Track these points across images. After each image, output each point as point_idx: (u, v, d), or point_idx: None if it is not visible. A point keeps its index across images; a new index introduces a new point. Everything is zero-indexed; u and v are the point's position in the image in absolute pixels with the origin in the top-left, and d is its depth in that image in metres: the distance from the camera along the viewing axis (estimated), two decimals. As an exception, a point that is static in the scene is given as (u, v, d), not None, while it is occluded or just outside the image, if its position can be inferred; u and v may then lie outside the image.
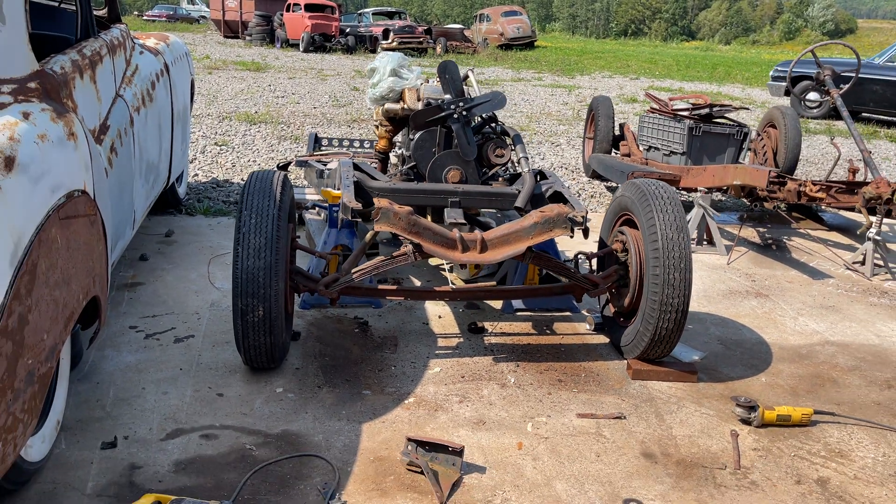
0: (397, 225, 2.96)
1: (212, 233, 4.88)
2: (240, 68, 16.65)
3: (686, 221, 3.09)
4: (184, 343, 3.29)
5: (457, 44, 26.47)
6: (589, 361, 3.37)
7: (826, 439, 2.84)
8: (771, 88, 13.98)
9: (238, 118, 9.64)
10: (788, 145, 6.15)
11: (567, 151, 8.61)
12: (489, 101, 3.52)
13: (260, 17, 26.64)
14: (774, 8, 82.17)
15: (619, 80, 19.11)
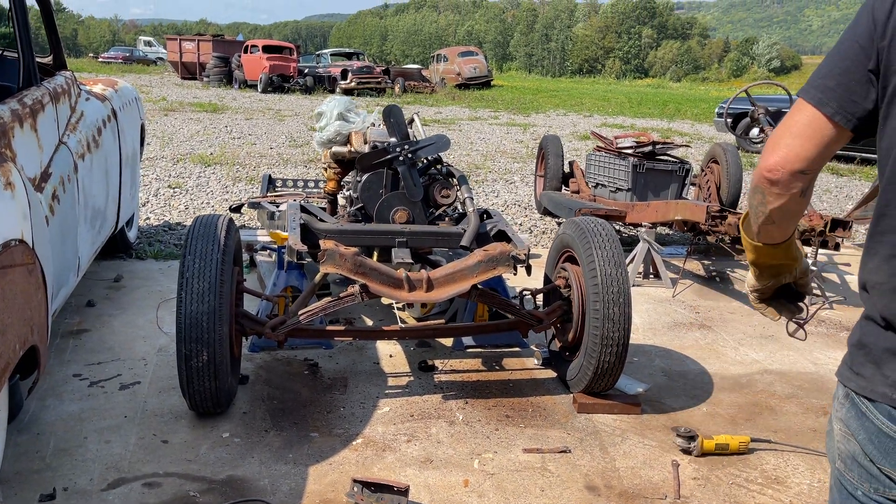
0: (343, 266, 3.01)
1: (162, 277, 4.85)
2: (197, 110, 16.64)
3: (624, 257, 3.20)
4: (129, 390, 3.26)
5: (415, 84, 26.83)
6: (536, 396, 3.43)
7: (763, 466, 2.93)
8: (717, 125, 14.45)
9: (193, 160, 9.62)
10: (730, 180, 6.37)
11: (521, 189, 8.77)
12: (434, 144, 3.61)
13: (218, 58, 26.72)
14: (722, 46, 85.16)
15: (574, 117, 19.55)
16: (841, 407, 1.31)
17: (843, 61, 1.26)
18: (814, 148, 1.28)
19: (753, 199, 1.40)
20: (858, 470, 1.27)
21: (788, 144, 1.30)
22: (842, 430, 1.30)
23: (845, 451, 1.30)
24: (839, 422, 1.32)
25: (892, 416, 1.20)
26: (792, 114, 1.32)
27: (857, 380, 1.27)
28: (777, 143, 1.31)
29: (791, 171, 1.30)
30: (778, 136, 1.32)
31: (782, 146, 1.30)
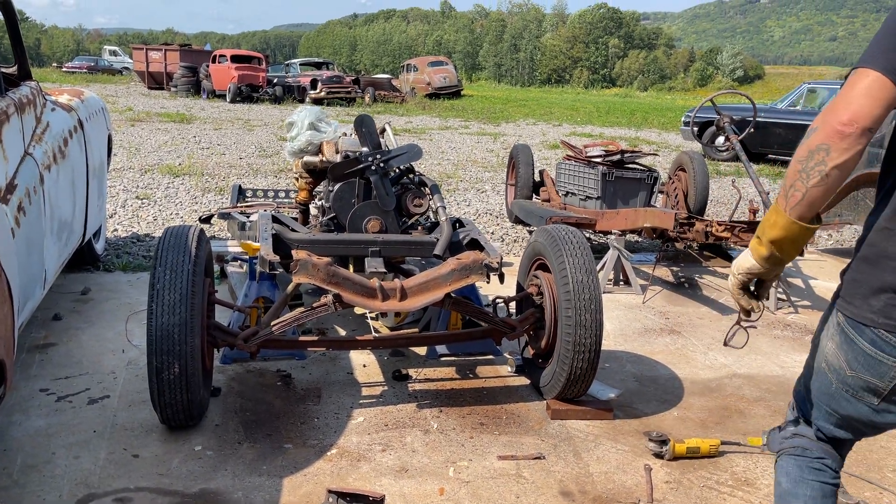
0: (316, 276, 3.00)
1: (131, 289, 4.79)
2: (164, 120, 16.47)
3: (595, 264, 3.23)
4: (98, 404, 3.21)
5: (385, 93, 26.86)
6: (510, 403, 3.45)
7: (733, 469, 2.97)
8: (683, 133, 14.68)
9: (161, 171, 9.52)
10: (697, 188, 6.48)
11: (492, 197, 8.82)
12: (406, 154, 3.62)
13: (185, 68, 26.48)
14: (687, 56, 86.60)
15: (543, 126, 19.72)
16: (836, 334, 1.69)
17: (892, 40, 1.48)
18: (880, 107, 1.46)
19: (811, 160, 1.52)
20: (838, 378, 1.70)
21: (860, 103, 1.47)
22: (834, 350, 1.70)
23: (834, 365, 1.71)
24: (833, 343, 1.70)
25: (874, 340, 1.57)
26: (857, 79, 1.50)
27: (850, 309, 1.61)
28: (847, 102, 1.48)
29: (862, 127, 1.47)
30: (846, 96, 1.49)
31: (854, 104, 1.47)
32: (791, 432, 1.95)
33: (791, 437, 1.94)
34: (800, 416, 1.94)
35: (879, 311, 1.56)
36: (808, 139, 1.54)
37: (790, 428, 1.96)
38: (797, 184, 1.57)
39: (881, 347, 1.58)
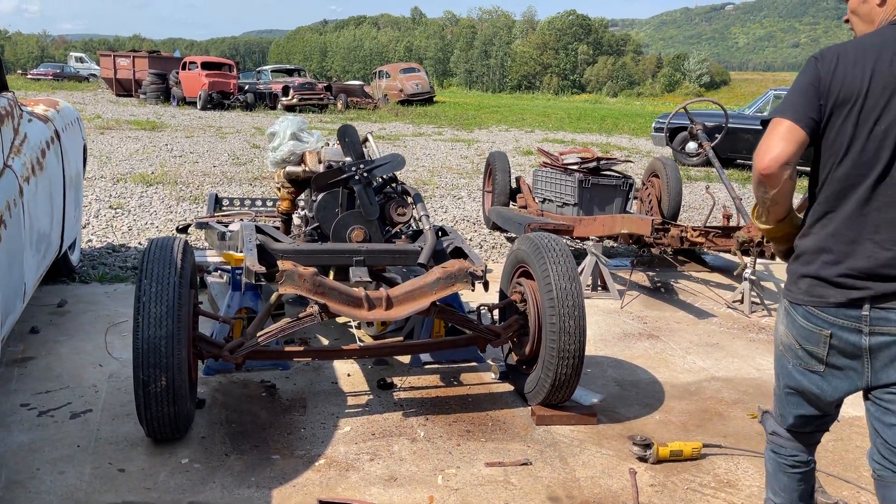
0: (302, 286, 3.01)
1: (108, 301, 4.74)
2: (134, 127, 16.28)
3: (577, 271, 3.28)
4: (81, 418, 3.18)
5: (357, 100, 26.82)
6: (496, 410, 3.48)
7: (715, 470, 3.03)
8: (654, 139, 14.88)
9: (133, 179, 9.42)
10: (671, 193, 6.59)
11: (468, 204, 8.86)
12: (389, 163, 3.64)
13: (154, 75, 26.20)
14: (655, 62, 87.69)
15: (516, 132, 19.85)
16: (784, 317, 2.13)
17: (803, 96, 1.97)
18: (793, 147, 1.94)
19: (758, 192, 2.03)
20: (791, 353, 2.11)
21: (779, 146, 1.94)
22: (785, 330, 2.12)
23: (786, 343, 2.12)
24: (783, 325, 2.14)
25: (806, 315, 2.03)
26: (774, 127, 1.98)
27: (789, 294, 2.09)
28: (767, 147, 1.96)
29: (782, 164, 1.94)
30: (766, 143, 1.97)
31: (773, 149, 1.95)
32: (771, 428, 2.32)
33: (770, 434, 2.33)
34: (777, 415, 2.30)
35: (805, 291, 2.03)
36: (753, 174, 2.04)
37: (770, 423, 2.34)
38: (760, 209, 2.12)
39: (810, 320, 2.02)
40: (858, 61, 1.93)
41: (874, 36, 2.00)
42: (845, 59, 1.95)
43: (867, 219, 1.94)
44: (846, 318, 1.95)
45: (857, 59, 1.94)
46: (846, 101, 1.92)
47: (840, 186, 1.96)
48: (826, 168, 1.99)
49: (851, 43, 2.02)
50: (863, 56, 1.93)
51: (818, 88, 1.96)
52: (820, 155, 2.00)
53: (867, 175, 1.93)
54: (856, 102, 1.92)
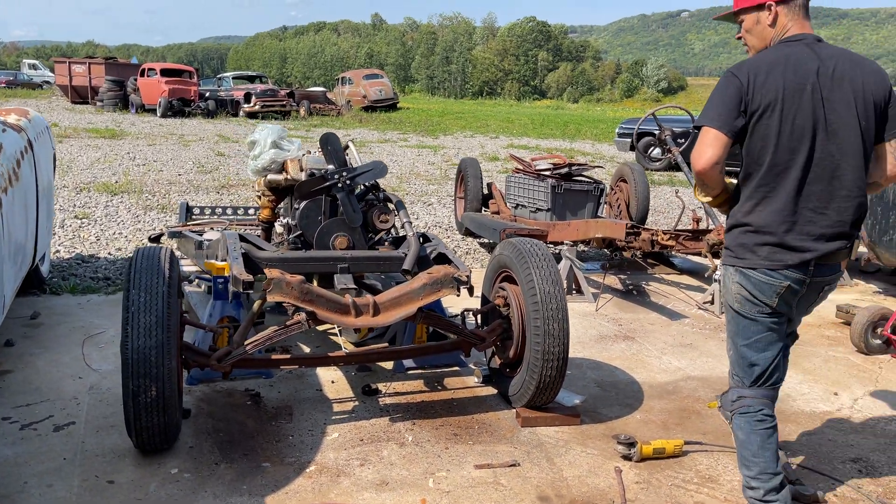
0: (290, 294, 3.02)
1: (82, 312, 4.67)
2: (93, 136, 15.99)
3: (560, 275, 3.35)
4: (65, 431, 3.14)
5: (320, 106, 26.69)
6: (481, 413, 3.52)
7: (697, 467, 3.12)
8: (618, 144, 15.13)
9: (97, 189, 9.27)
10: (639, 198, 6.73)
11: (439, 210, 8.91)
12: (371, 170, 3.67)
13: (112, 82, 25.72)
14: (614, 68, 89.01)
15: (481, 139, 19.97)
16: (737, 279, 2.57)
17: (725, 106, 2.45)
18: (720, 150, 2.45)
19: (700, 186, 2.58)
20: (747, 303, 2.56)
21: (709, 152, 2.45)
22: (737, 288, 2.57)
23: (740, 297, 2.58)
24: (736, 284, 2.58)
25: (764, 275, 2.49)
26: (703, 135, 2.47)
27: (742, 262, 2.54)
28: (700, 153, 2.47)
29: (713, 164, 2.45)
30: (699, 148, 2.47)
31: (705, 153, 2.45)
32: (736, 395, 2.68)
33: (737, 399, 2.66)
34: (740, 382, 2.67)
35: (765, 257, 2.50)
36: (693, 174, 2.57)
37: (736, 391, 2.69)
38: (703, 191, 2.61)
39: (767, 278, 2.50)
40: (771, 73, 2.45)
41: (774, 53, 2.52)
42: (760, 73, 2.46)
43: (802, 193, 2.47)
44: (797, 273, 2.49)
45: (768, 72, 2.45)
46: (769, 105, 2.43)
47: (775, 171, 2.47)
48: (758, 157, 2.48)
49: (758, 60, 2.51)
50: (773, 70, 2.46)
51: (741, 98, 2.45)
52: (750, 148, 2.50)
53: (795, 160, 2.45)
54: (776, 105, 2.43)
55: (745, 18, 2.64)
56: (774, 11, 2.56)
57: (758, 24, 2.61)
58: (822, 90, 2.46)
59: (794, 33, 2.56)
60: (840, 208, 2.48)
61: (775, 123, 2.43)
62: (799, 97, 2.44)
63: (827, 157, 2.46)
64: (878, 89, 2.50)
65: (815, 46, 2.52)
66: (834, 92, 2.47)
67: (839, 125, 2.46)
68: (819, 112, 2.45)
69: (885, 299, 5.86)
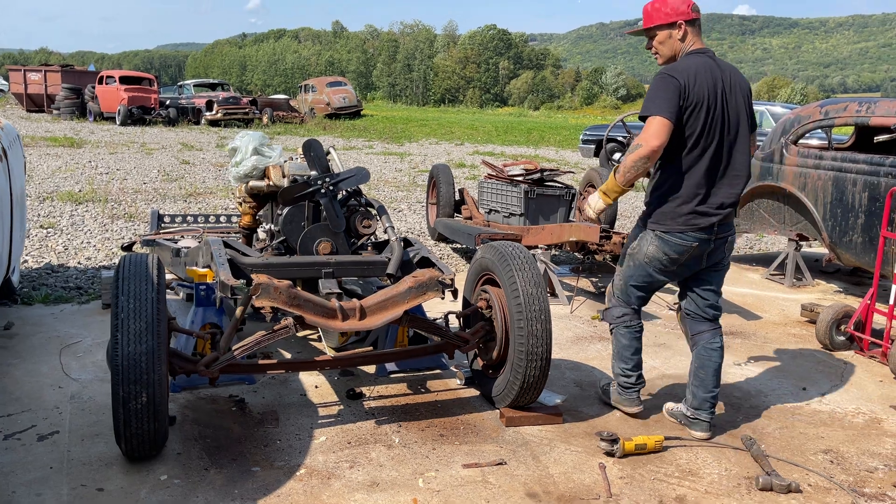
0: (278, 299, 3.04)
1: (56, 322, 4.61)
2: (52, 144, 15.70)
3: (542, 278, 3.43)
4: (49, 440, 3.11)
5: (283, 114, 26.56)
6: (465, 414, 3.58)
7: (677, 461, 3.22)
8: (582, 150, 15.37)
9: (61, 198, 9.12)
10: (608, 202, 6.86)
11: (409, 216, 8.96)
12: (354, 176, 3.71)
13: (68, 90, 25.28)
14: (574, 76, 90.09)
15: (446, 146, 20.08)
16: (654, 241, 3.27)
17: (669, 100, 3.07)
18: (665, 136, 3.06)
19: (640, 162, 3.09)
20: (656, 261, 3.29)
21: (658, 136, 3.05)
22: (654, 250, 3.27)
23: (654, 257, 3.29)
24: (653, 247, 3.28)
25: (680, 238, 3.20)
26: (651, 122, 3.08)
27: (661, 227, 3.23)
28: (650, 135, 3.06)
29: (659, 147, 3.07)
30: (648, 132, 3.07)
31: (654, 137, 3.05)
32: (621, 311, 3.50)
33: (621, 316, 3.50)
34: (621, 302, 3.49)
35: (684, 222, 3.19)
36: (636, 152, 3.10)
37: (620, 308, 3.50)
38: (629, 173, 3.15)
39: (683, 240, 3.21)
40: (699, 77, 3.12)
41: (692, 61, 3.17)
42: (691, 76, 3.11)
43: (716, 171, 3.20)
44: (706, 234, 3.21)
45: (696, 75, 3.12)
46: (699, 103, 3.11)
47: (694, 155, 3.17)
48: (684, 143, 3.15)
49: (685, 66, 3.15)
50: (699, 75, 3.12)
51: (680, 94, 3.08)
52: (681, 135, 3.13)
53: (709, 147, 3.16)
54: (703, 103, 3.11)
55: (658, 33, 3.27)
56: (684, 29, 3.22)
57: (670, 38, 3.25)
58: (726, 95, 3.18)
59: (698, 47, 3.25)
60: (733, 183, 3.23)
61: (702, 117, 3.11)
62: (716, 98, 3.14)
63: (728, 145, 3.21)
64: (748, 93, 3.29)
65: (715, 59, 3.24)
66: (732, 95, 3.20)
67: (735, 121, 3.22)
68: (725, 110, 3.19)
69: (846, 298, 6.08)
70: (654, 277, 3.37)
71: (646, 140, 3.04)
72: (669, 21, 3.21)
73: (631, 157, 3.11)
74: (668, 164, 3.20)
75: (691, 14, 3.23)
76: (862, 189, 5.44)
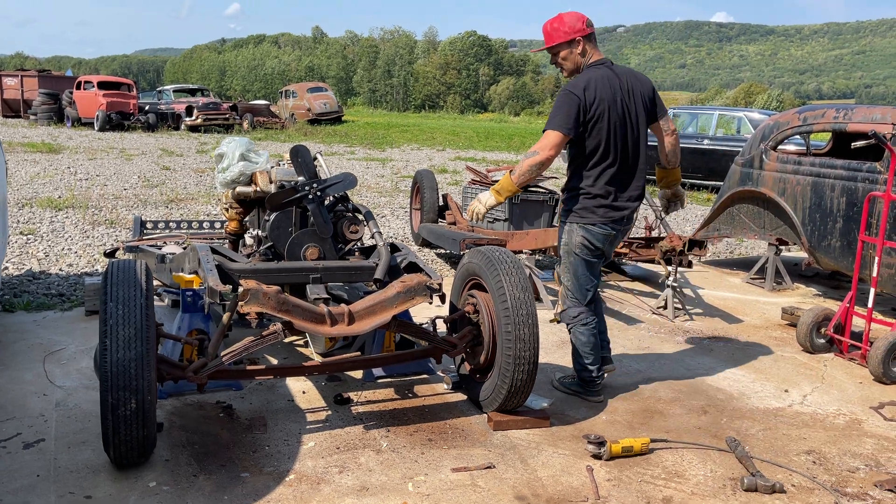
0: (267, 305, 3.04)
1: (39, 329, 4.57)
2: (30, 150, 15.52)
3: (529, 282, 3.46)
4: (35, 448, 3.08)
5: (264, 119, 26.46)
6: (453, 419, 3.60)
7: (664, 463, 3.26)
8: (563, 156, 15.45)
9: (40, 204, 9.02)
10: (591, 208, 6.92)
11: (393, 222, 8.97)
12: (341, 182, 3.72)
13: (46, 95, 25.01)
14: (554, 82, 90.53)
15: (428, 151, 20.11)
16: (580, 232, 3.66)
17: (566, 115, 3.48)
18: (559, 146, 3.50)
19: (535, 168, 3.53)
20: (586, 249, 3.69)
21: (553, 146, 3.49)
22: (581, 239, 3.66)
23: (583, 245, 3.68)
24: (578, 237, 3.66)
25: (601, 228, 3.64)
26: (548, 135, 3.50)
27: (584, 220, 3.64)
28: (548, 146, 3.49)
29: (553, 157, 3.51)
30: (545, 142, 3.49)
31: (549, 146, 3.49)
32: (577, 311, 3.78)
33: (577, 315, 3.78)
34: (576, 302, 3.77)
35: (602, 216, 3.61)
36: (533, 158, 3.51)
37: (575, 309, 3.78)
38: (524, 176, 3.56)
39: (601, 230, 3.64)
40: (598, 90, 3.50)
41: (592, 74, 3.55)
42: (589, 90, 3.49)
43: (624, 169, 3.61)
44: (618, 225, 3.66)
45: (595, 89, 3.50)
46: (601, 113, 3.50)
47: (605, 157, 3.56)
48: (595, 148, 3.56)
49: (584, 81, 3.52)
50: (597, 87, 3.51)
51: (580, 109, 3.48)
52: (588, 143, 3.54)
53: (617, 149, 3.57)
54: (605, 113, 3.51)
55: (560, 51, 3.63)
56: (582, 44, 3.61)
57: (571, 54, 3.63)
58: (625, 100, 3.57)
59: (597, 58, 3.65)
60: (638, 179, 3.66)
61: (605, 125, 3.52)
62: (615, 106, 3.54)
63: (632, 146, 3.61)
64: (647, 92, 3.67)
65: (612, 68, 3.64)
66: (631, 101, 3.60)
67: (636, 124, 3.62)
68: (626, 116, 3.58)
69: (825, 301, 6.18)
70: (592, 263, 3.72)
71: (542, 149, 3.46)
72: (568, 39, 3.57)
73: (528, 161, 3.49)
74: (582, 167, 3.58)
75: (587, 29, 3.60)
76: (840, 194, 5.54)
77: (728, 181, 6.66)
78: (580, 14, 3.62)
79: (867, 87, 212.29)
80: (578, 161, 3.61)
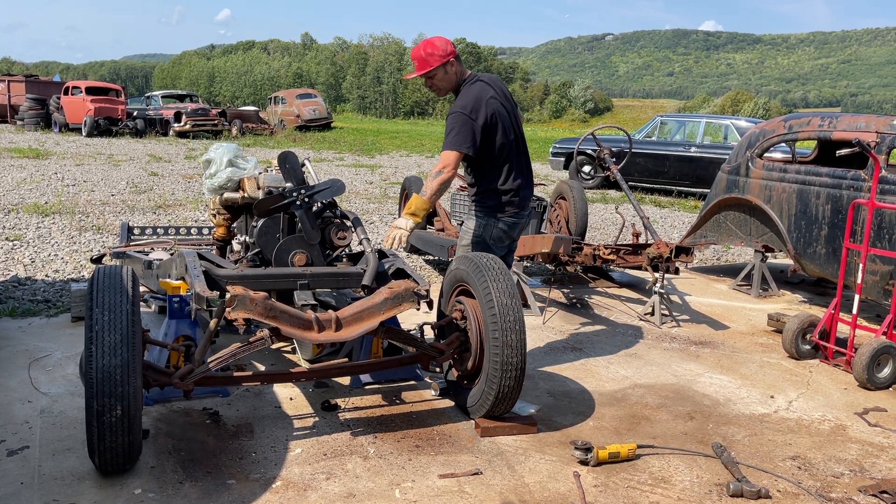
0: (254, 311, 3.04)
1: (24, 335, 4.54)
2: (16, 155, 15.43)
3: (516, 288, 3.47)
4: (19, 455, 3.06)
5: (253, 125, 26.41)
6: (440, 425, 3.60)
7: (650, 469, 3.27)
8: (552, 163, 15.51)
9: (27, 210, 8.97)
10: (578, 214, 6.96)
11: (381, 228, 8.97)
12: (329, 188, 3.73)
13: (33, 100, 24.87)
14: (542, 90, 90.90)
15: (417, 158, 20.14)
16: (496, 223, 3.95)
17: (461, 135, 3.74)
18: (458, 164, 3.77)
19: (444, 185, 3.74)
20: (500, 241, 4.01)
21: (453, 164, 3.74)
22: (498, 231, 3.97)
23: (496, 236, 3.99)
24: (497, 229, 3.96)
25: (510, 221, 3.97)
26: (447, 154, 3.75)
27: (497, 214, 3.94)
28: (450, 165, 3.73)
29: (455, 173, 3.77)
30: (445, 161, 3.74)
31: (450, 166, 3.73)
32: None
33: None
34: None
35: (516, 206, 3.94)
36: (439, 177, 3.71)
37: None
38: (435, 195, 3.75)
39: (513, 221, 3.97)
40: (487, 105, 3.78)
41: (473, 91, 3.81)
42: (480, 107, 3.77)
43: (521, 168, 3.96)
44: (524, 215, 4.01)
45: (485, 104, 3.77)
46: (493, 125, 3.80)
47: (506, 159, 3.88)
48: (497, 154, 3.84)
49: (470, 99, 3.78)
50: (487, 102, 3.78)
51: (472, 127, 3.74)
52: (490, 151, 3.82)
53: (513, 151, 3.91)
54: (497, 123, 3.82)
55: (435, 73, 3.85)
56: (454, 65, 3.87)
57: (446, 74, 3.87)
58: (504, 104, 3.90)
59: (467, 75, 3.93)
60: (529, 174, 4.05)
61: (500, 133, 3.83)
62: (502, 114, 3.87)
63: (521, 145, 3.99)
64: (508, 91, 4.01)
65: (483, 79, 3.93)
66: (507, 102, 3.95)
67: (517, 125, 3.99)
68: (512, 119, 3.93)
69: (810, 307, 6.23)
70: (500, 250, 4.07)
71: (446, 168, 3.71)
72: (443, 62, 3.82)
73: (437, 180, 3.72)
74: (489, 169, 3.90)
75: (455, 50, 3.88)
76: (825, 202, 5.59)
77: (715, 188, 6.71)
78: (445, 38, 3.95)
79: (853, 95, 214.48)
80: (485, 166, 3.88)
